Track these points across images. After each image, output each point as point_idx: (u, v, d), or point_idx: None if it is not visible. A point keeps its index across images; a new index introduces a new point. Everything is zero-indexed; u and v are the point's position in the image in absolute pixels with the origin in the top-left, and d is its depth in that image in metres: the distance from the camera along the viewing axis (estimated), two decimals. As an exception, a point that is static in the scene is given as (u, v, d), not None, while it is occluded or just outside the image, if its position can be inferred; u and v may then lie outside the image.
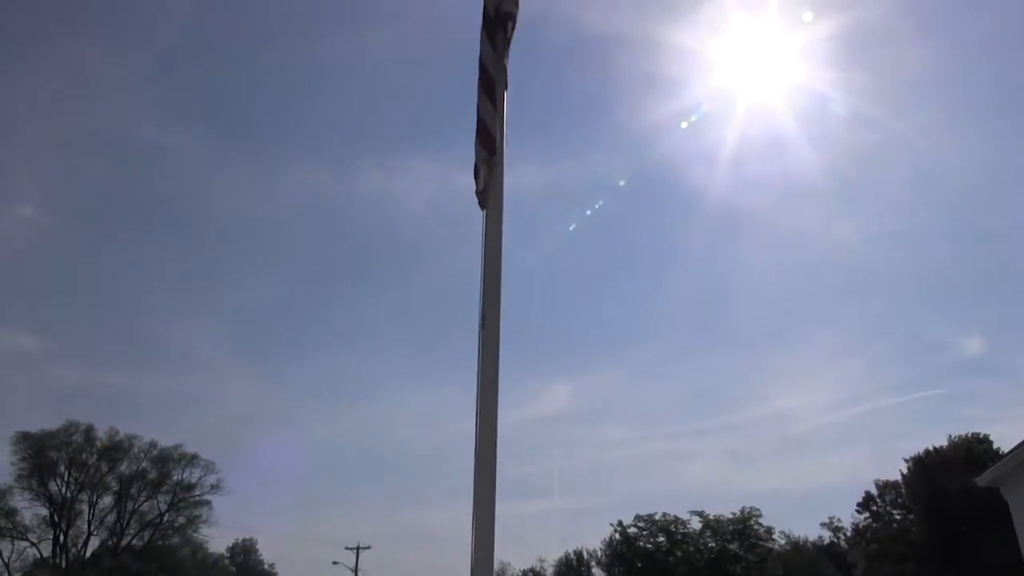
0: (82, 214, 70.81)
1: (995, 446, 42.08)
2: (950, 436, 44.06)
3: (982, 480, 20.07)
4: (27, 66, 65.72)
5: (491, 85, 6.16)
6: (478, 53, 6.32)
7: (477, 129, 6.03)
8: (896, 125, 55.83)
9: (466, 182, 6.05)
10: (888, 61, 60.97)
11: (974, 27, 62.20)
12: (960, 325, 72.88)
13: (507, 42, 6.38)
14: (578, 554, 60.91)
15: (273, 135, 76.89)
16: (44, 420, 57.87)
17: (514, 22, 6.45)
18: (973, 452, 41.17)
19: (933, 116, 66.45)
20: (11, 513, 47.11)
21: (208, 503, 51.97)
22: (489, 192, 5.87)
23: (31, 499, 48.08)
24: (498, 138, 5.99)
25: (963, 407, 70.27)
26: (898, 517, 47.82)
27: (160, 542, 51.73)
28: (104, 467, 50.16)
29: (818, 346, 72.76)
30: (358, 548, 54.83)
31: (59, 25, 66.94)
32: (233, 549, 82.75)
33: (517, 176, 6.43)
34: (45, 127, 68.81)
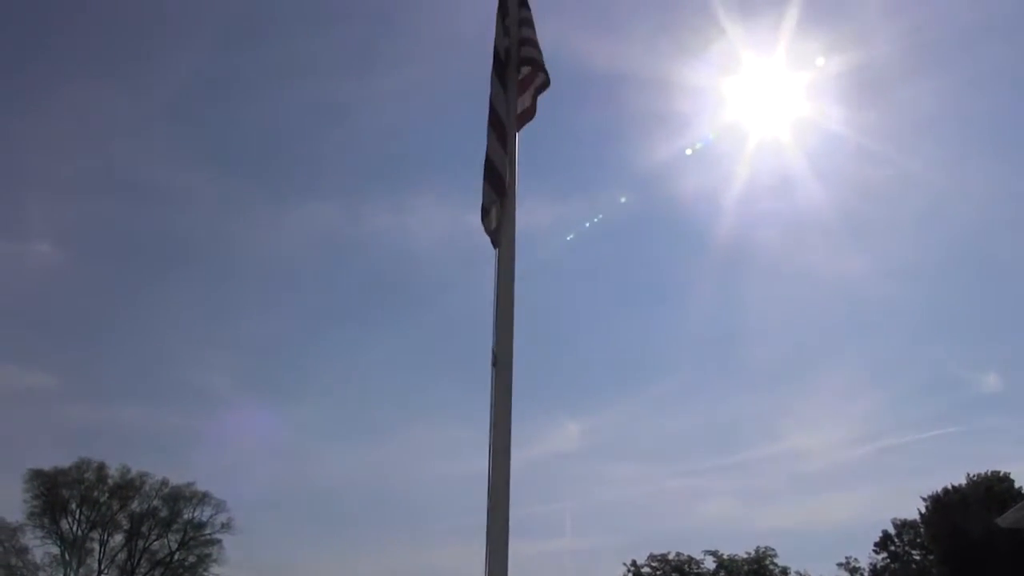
0: (97, 252, 71.45)
1: (1016, 485, 41.47)
2: (969, 474, 43.47)
3: (1005, 520, 19.74)
4: (44, 107, 66.89)
5: (501, 126, 6.21)
6: (488, 93, 6.39)
7: (486, 171, 6.09)
8: (905, 161, 55.87)
9: (478, 218, 6.09)
10: (897, 98, 61.16)
11: (982, 63, 62.48)
12: (976, 361, 72.15)
13: (539, 87, 6.46)
14: (592, 595, 60.01)
15: (286, 173, 77.65)
16: (57, 457, 57.90)
17: (540, 68, 6.52)
18: (994, 491, 40.55)
19: (942, 152, 66.53)
20: (22, 551, 47.10)
21: (219, 542, 51.78)
22: (501, 230, 5.91)
23: (42, 537, 48.07)
24: (508, 179, 6.04)
25: (981, 444, 69.23)
26: (917, 557, 47.03)
27: (170, 581, 51.42)
28: (115, 505, 50.11)
29: (831, 382, 72.09)
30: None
31: (75, 67, 68.23)
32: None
33: (528, 213, 6.47)
34: (61, 167, 69.84)
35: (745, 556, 45.22)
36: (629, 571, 47.17)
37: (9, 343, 64.60)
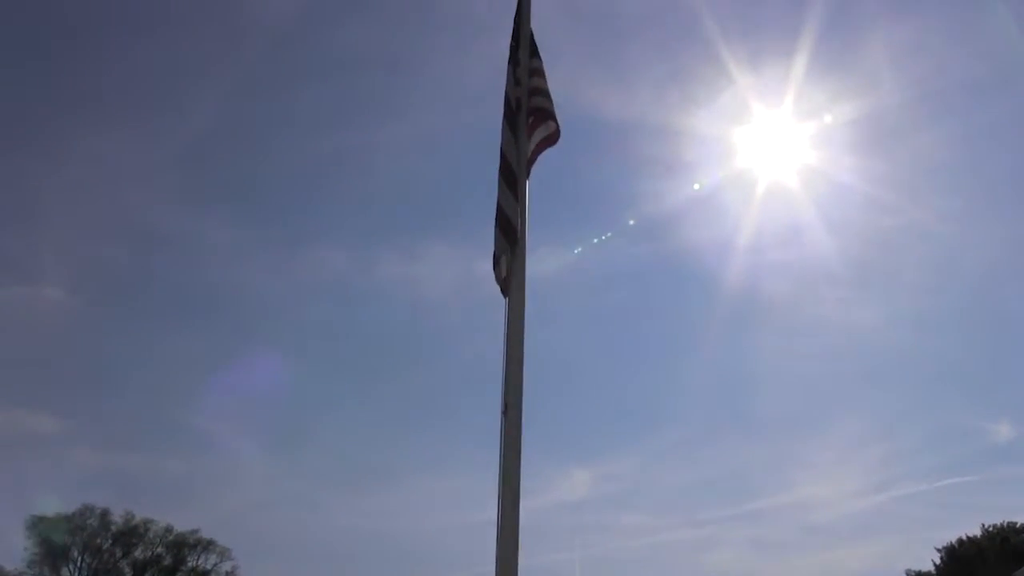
0: (107, 297, 71.81)
1: (1032, 536, 40.73)
2: (983, 525, 42.75)
3: (1022, 574, 19.40)
4: (58, 154, 67.84)
5: (511, 175, 6.27)
6: (500, 143, 6.46)
7: (497, 219, 6.12)
8: (914, 210, 56.02)
9: (489, 268, 6.12)
10: (905, 147, 61.55)
11: (988, 114, 62.87)
12: (987, 410, 71.42)
13: (551, 139, 6.52)
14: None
15: (296, 221, 78.18)
16: (61, 503, 57.54)
17: (551, 118, 6.59)
18: (1010, 542, 39.81)
19: (951, 201, 66.67)
20: (23, 600, 46.42)
21: (222, 590, 51.03)
22: (511, 279, 5.93)
23: (43, 586, 47.40)
24: (519, 228, 6.08)
25: (996, 494, 68.22)
26: (933, 611, 46.01)
27: (172, 631, 50.65)
28: (118, 552, 49.55)
29: (842, 432, 71.40)
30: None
31: (90, 115, 69.30)
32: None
33: (538, 261, 6.50)
34: (73, 213, 70.49)
35: (757, 608, 44.29)
36: (638, 623, 46.22)
37: (18, 387, 64.70)
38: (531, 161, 6.58)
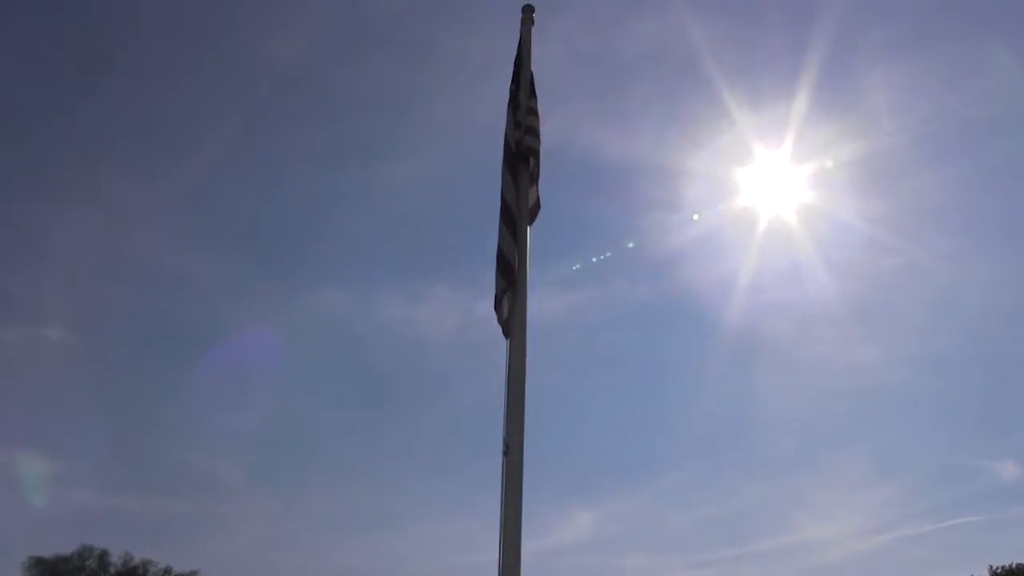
0: (108, 338, 71.73)
1: (1041, 576, 40.19)
2: (991, 566, 42.27)
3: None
4: (61, 193, 68.30)
5: (511, 218, 6.32)
6: (500, 186, 6.52)
7: (498, 262, 6.17)
8: (914, 250, 56.18)
9: (490, 308, 6.15)
10: (905, 188, 61.91)
11: (987, 156, 63.34)
12: (991, 450, 70.83)
13: (533, 177, 6.60)
14: None
15: (298, 261, 78.36)
16: (59, 544, 56.90)
17: (536, 157, 6.68)
18: (1019, 582, 39.35)
19: (950, 242, 66.83)
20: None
21: (221, 634, 50.29)
22: (512, 320, 5.95)
23: (38, 629, 46.73)
24: (519, 270, 6.12)
25: (1003, 535, 67.34)
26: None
27: (169, 675, 49.84)
28: (116, 594, 48.92)
29: (845, 472, 70.73)
30: None
31: (90, 156, 69.92)
32: None
33: (539, 302, 6.53)
34: (76, 254, 70.73)
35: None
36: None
37: (18, 428, 64.38)
38: (536, 206, 6.64)
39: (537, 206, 6.68)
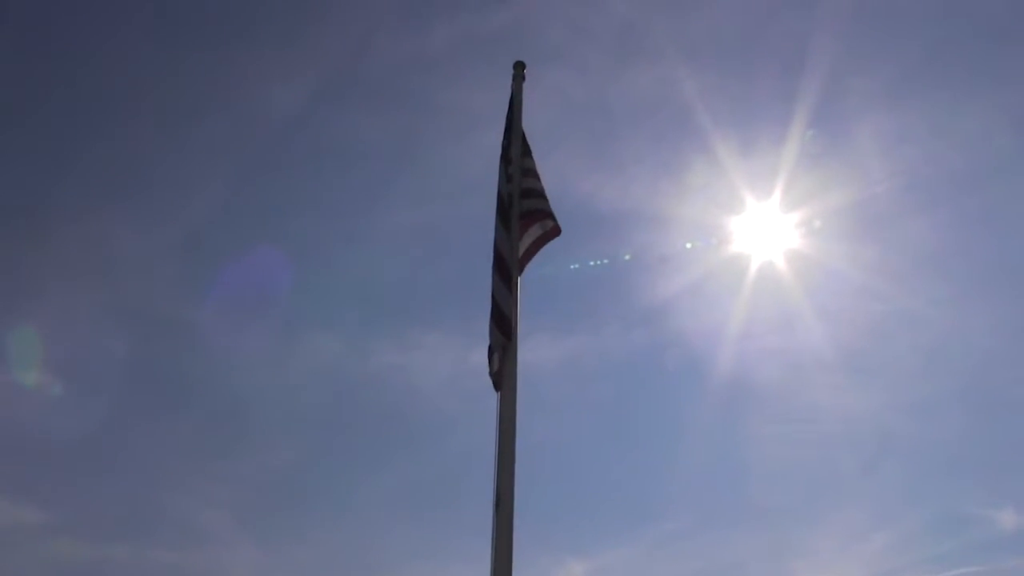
0: (98, 384, 70.81)
1: (1040, 629, 39.57)
2: (991, 618, 41.54)
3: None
4: (51, 239, 68.07)
5: (505, 270, 6.36)
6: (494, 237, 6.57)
7: (492, 313, 6.20)
8: (905, 297, 56.29)
9: (483, 357, 6.16)
10: (895, 235, 62.27)
11: (976, 202, 63.86)
12: (990, 498, 70.10)
13: (548, 236, 6.66)
14: None
15: (292, 308, 78.06)
16: (42, 596, 55.56)
17: (552, 218, 6.74)
18: (1017, 636, 38.68)
19: (942, 288, 66.69)
20: None
21: None
22: (504, 373, 5.97)
23: None
24: (513, 322, 6.14)
25: (1001, 586, 66.53)
26: None
27: None
28: (99, 648, 47.81)
29: (842, 520, 69.80)
30: None
31: (86, 201, 69.91)
32: None
33: (531, 350, 6.54)
34: (70, 300, 70.45)
35: None
36: None
37: (2, 477, 63.47)
38: (527, 259, 6.69)
39: (526, 258, 6.72)
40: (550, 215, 6.86)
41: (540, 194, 6.95)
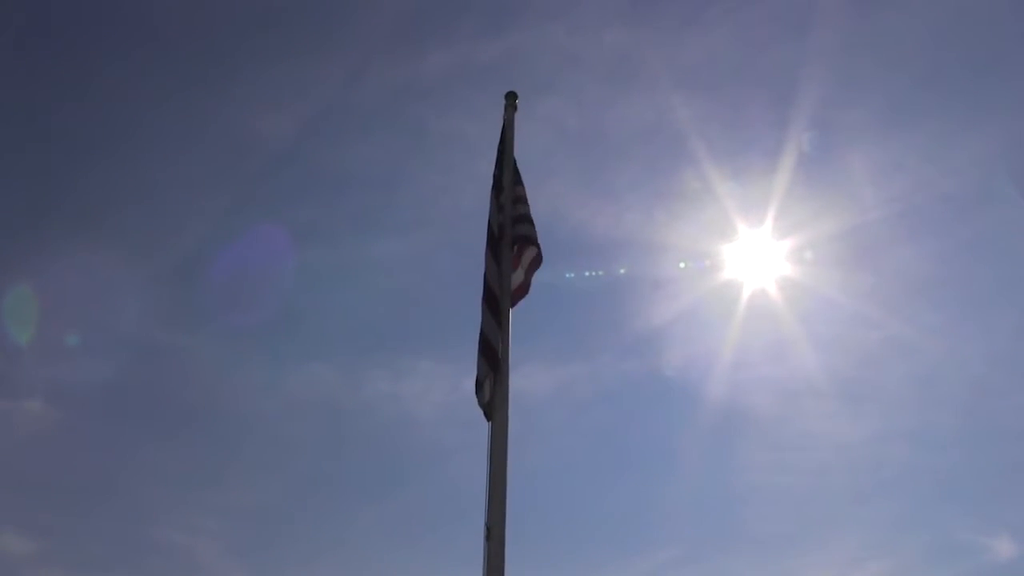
0: (89, 412, 70.49)
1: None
2: (987, 647, 41.19)
3: None
4: (42, 268, 67.97)
5: (495, 302, 6.35)
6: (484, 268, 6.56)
7: (480, 345, 6.19)
8: (898, 325, 56.41)
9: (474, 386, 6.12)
10: (888, 262, 62.52)
11: (968, 229, 64.21)
12: (986, 525, 69.79)
13: (535, 264, 6.65)
14: None
15: (286, 336, 77.88)
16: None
17: (536, 244, 6.74)
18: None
19: (935, 315, 66.88)
20: None
21: None
22: (495, 404, 5.96)
23: None
24: (501, 354, 6.14)
25: (998, 615, 66.00)
26: None
27: None
28: None
29: (837, 550, 69.31)
30: None
31: (78, 229, 69.84)
32: None
33: (523, 378, 6.50)
34: (60, 326, 70.17)
35: None
36: None
37: (-10, 505, 62.65)
38: (523, 290, 6.67)
39: (523, 289, 6.70)
40: (535, 242, 6.87)
41: (530, 221, 6.97)
